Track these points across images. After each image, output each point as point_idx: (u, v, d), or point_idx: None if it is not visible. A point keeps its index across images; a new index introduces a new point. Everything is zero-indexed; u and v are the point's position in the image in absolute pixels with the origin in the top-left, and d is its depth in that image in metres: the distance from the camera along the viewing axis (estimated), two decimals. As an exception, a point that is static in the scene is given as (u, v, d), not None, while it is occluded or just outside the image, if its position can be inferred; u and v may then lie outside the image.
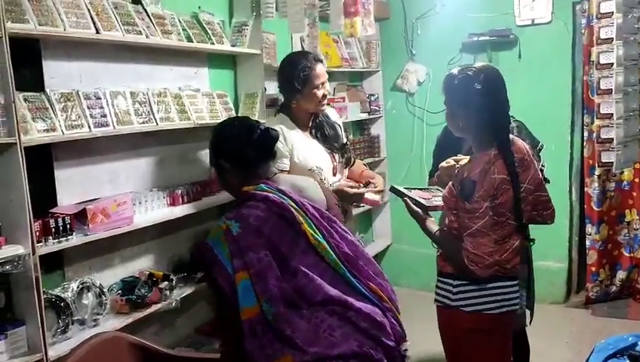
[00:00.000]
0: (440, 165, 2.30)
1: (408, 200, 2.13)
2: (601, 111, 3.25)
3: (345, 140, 2.75)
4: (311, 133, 2.62)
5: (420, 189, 2.38)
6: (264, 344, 1.53)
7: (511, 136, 2.03)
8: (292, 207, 1.68)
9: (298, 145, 2.52)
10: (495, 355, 2.04)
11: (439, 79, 4.26)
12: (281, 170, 2.43)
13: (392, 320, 1.69)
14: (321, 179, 2.48)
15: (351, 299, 1.63)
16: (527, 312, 2.64)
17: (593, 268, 4.05)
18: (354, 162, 2.77)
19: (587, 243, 4.07)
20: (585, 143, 4.01)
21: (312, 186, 2.07)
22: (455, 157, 2.26)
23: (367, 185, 2.60)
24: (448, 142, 2.67)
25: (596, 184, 3.98)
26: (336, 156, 2.64)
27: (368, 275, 1.72)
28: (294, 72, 2.51)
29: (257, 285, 1.54)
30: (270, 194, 1.69)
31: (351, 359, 1.55)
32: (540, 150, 2.57)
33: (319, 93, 2.53)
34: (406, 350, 1.70)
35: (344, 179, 2.67)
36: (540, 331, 3.03)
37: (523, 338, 2.68)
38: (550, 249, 3.91)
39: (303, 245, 1.64)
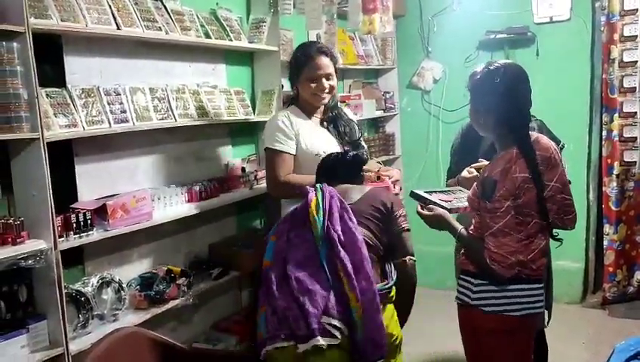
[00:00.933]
0: (462, 175, 2.28)
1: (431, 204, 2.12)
2: (624, 110, 3.19)
3: (359, 136, 2.69)
4: (322, 124, 2.57)
5: (441, 192, 2.36)
6: (265, 291, 1.86)
7: (535, 134, 2.01)
8: (316, 196, 1.95)
9: (304, 132, 2.46)
10: (516, 357, 2.02)
11: (455, 77, 4.30)
12: (285, 152, 2.43)
13: (332, 296, 1.78)
14: None
15: (297, 274, 1.82)
16: (545, 312, 2.62)
17: (610, 269, 4.00)
18: (367, 161, 2.71)
19: (605, 243, 4.02)
20: (603, 142, 3.96)
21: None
22: (476, 165, 2.25)
23: (378, 178, 2.56)
24: (466, 142, 2.65)
25: (615, 183, 3.93)
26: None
27: (343, 263, 1.82)
28: (295, 56, 2.52)
29: (275, 245, 1.93)
30: (312, 189, 2.01)
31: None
32: (562, 149, 2.53)
33: (313, 85, 2.45)
34: (331, 324, 1.74)
35: None
36: (557, 331, 3.00)
37: (541, 339, 2.66)
38: (567, 248, 3.76)
39: (307, 223, 1.92)
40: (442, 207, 2.14)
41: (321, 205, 1.92)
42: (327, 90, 2.49)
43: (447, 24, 4.39)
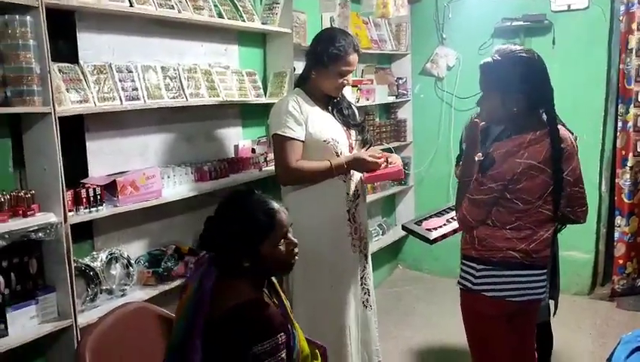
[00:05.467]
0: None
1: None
2: (639, 99, 3.17)
3: (362, 119, 2.67)
4: (327, 109, 2.53)
5: (437, 214, 2.56)
6: None
7: None
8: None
9: (313, 117, 2.43)
10: (517, 343, 2.03)
11: (469, 64, 4.27)
12: (295, 138, 2.38)
13: None
14: (336, 153, 2.43)
15: None
16: (551, 303, 2.61)
17: (620, 261, 3.97)
18: (371, 145, 2.70)
19: (616, 235, 3.99)
20: (618, 133, 3.91)
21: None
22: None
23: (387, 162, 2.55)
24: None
25: (628, 175, 3.89)
26: (353, 133, 2.58)
27: None
28: (329, 47, 2.39)
29: None
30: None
31: None
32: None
33: (340, 79, 2.44)
34: None
35: None
36: (564, 322, 3.00)
37: (547, 329, 2.66)
38: (577, 240, 3.85)
39: None
40: (425, 238, 2.37)
41: (189, 306, 1.56)
42: (347, 85, 2.51)
43: (462, 10, 4.35)
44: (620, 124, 3.89)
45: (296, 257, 1.66)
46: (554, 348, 2.72)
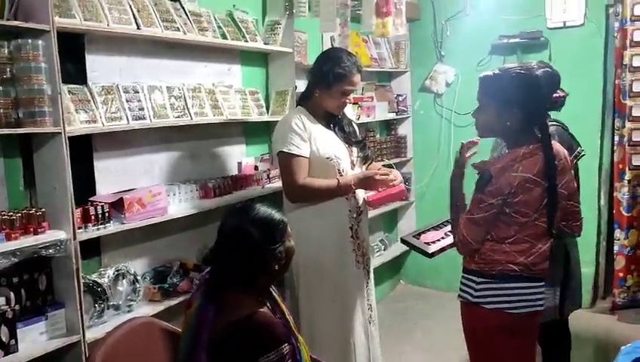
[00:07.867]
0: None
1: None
2: (633, 114, 3.24)
3: (363, 136, 2.72)
4: (329, 126, 2.57)
5: (435, 228, 2.58)
6: None
7: None
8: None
9: (316, 135, 2.47)
10: (517, 355, 2.05)
11: (468, 80, 4.33)
12: (301, 156, 2.41)
13: None
14: (338, 170, 2.47)
15: None
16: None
17: (621, 274, 4.00)
18: (372, 161, 2.75)
19: (615, 248, 4.02)
20: (615, 148, 3.97)
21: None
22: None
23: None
24: None
25: (626, 189, 3.93)
26: (354, 151, 2.62)
27: None
28: (334, 66, 2.43)
29: None
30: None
31: None
32: (582, 156, 2.57)
33: (343, 98, 2.48)
34: None
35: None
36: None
37: (565, 329, 2.70)
38: (577, 253, 3.89)
39: None
40: (424, 251, 2.37)
41: (194, 321, 1.60)
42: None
43: (460, 28, 4.44)
44: (616, 138, 3.94)
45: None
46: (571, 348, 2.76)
